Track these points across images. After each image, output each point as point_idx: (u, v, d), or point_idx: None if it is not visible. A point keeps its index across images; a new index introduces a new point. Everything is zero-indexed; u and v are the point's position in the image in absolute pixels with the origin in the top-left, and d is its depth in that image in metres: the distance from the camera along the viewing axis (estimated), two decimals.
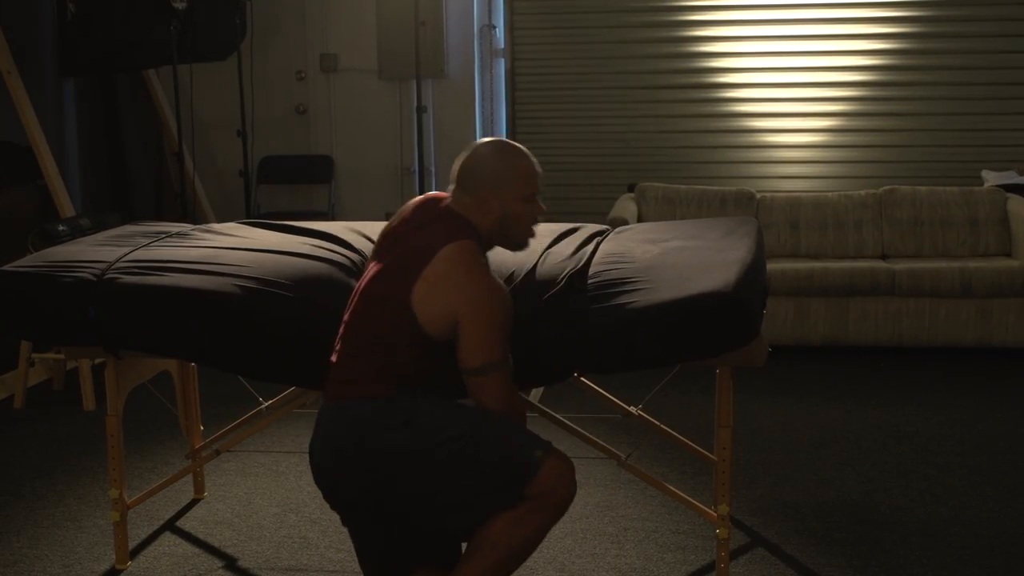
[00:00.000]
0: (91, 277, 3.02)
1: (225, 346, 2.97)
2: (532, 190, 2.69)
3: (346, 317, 2.70)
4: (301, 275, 3.01)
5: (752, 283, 2.79)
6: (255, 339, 2.93)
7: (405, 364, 2.58)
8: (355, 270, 3.09)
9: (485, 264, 2.63)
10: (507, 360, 2.58)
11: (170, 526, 3.76)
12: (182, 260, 3.09)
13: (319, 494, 3.20)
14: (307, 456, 2.68)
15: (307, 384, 3.04)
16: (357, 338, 2.63)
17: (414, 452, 2.51)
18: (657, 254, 3.03)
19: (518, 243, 2.76)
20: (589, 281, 2.88)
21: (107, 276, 3.02)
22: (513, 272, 2.94)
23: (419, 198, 2.82)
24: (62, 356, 5.20)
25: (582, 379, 3.63)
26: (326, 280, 3.01)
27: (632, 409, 3.64)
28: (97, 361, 5.00)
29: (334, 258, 3.13)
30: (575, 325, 2.76)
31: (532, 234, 2.77)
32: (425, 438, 2.51)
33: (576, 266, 2.96)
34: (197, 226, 3.61)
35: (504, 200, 2.66)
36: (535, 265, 2.96)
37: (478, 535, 2.53)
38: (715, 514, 3.22)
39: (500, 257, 2.97)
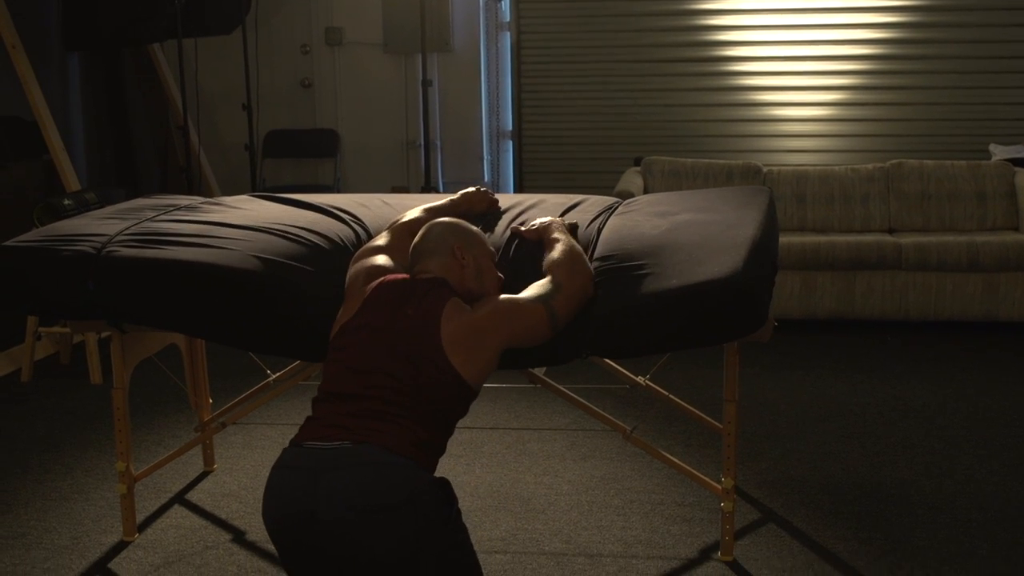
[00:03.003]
0: (91, 250, 3.00)
1: (222, 319, 2.94)
2: (491, 252, 2.65)
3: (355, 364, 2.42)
4: (303, 250, 2.99)
5: (761, 265, 2.73)
6: (252, 312, 2.89)
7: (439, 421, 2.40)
8: (360, 244, 3.07)
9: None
10: (542, 301, 2.57)
11: (178, 498, 3.77)
12: (183, 234, 3.06)
13: None
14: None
15: (303, 357, 3.03)
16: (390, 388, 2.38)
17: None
18: (666, 230, 2.97)
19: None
20: (596, 264, 2.84)
21: (106, 249, 2.99)
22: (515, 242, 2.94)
23: (391, 279, 2.60)
24: (68, 330, 5.21)
25: None
26: (329, 254, 2.99)
27: (640, 379, 3.63)
28: (104, 335, 5.01)
29: (340, 232, 3.12)
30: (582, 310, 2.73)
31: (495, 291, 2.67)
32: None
33: (586, 243, 2.95)
34: (207, 199, 3.59)
35: (475, 256, 2.59)
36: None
37: None
38: (720, 487, 3.23)
39: (499, 231, 2.97)
